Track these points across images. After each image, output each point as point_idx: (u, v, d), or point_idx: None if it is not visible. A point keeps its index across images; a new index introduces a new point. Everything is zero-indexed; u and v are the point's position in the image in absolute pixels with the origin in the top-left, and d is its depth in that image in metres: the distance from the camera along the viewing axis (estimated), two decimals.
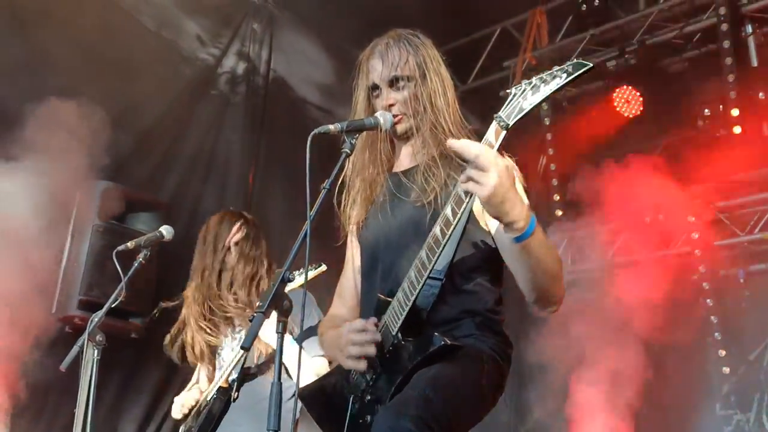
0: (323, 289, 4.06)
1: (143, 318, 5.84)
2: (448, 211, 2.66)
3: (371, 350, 2.83)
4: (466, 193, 2.55)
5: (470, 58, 8.80)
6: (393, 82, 3.05)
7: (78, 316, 5.48)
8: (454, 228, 2.65)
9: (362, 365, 2.85)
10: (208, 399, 4.62)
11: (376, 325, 2.88)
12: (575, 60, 2.48)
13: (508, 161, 2.59)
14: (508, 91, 2.56)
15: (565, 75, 2.44)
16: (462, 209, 2.61)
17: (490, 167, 2.42)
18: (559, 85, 2.45)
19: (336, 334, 3.01)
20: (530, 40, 8.44)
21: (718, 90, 7.27)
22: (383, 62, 3.06)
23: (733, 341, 7.49)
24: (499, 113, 2.52)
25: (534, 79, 2.50)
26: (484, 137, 2.55)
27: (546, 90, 2.47)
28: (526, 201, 2.68)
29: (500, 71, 8.77)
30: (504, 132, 2.51)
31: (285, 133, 7.09)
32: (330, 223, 3.20)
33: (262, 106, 7.43)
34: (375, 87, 3.09)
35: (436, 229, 2.70)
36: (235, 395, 4.16)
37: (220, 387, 4.53)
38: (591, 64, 2.43)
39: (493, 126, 2.54)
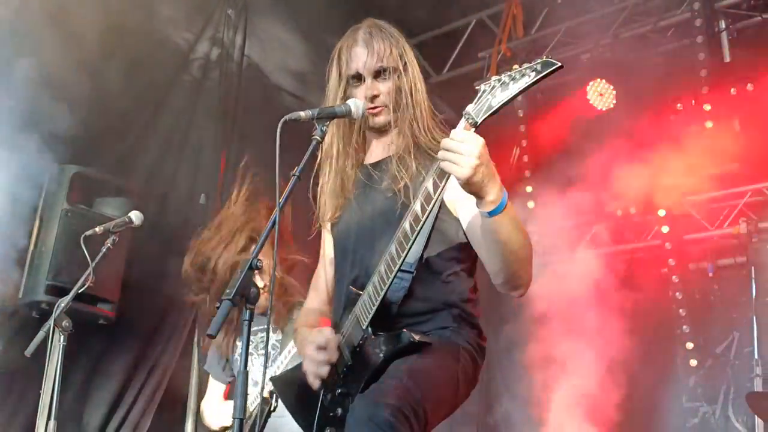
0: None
1: (111, 303, 5.78)
2: (417, 206, 2.67)
3: (324, 371, 2.91)
4: (441, 176, 2.57)
5: (445, 49, 8.80)
6: (378, 73, 3.03)
7: (45, 301, 5.41)
8: (422, 224, 2.67)
9: (316, 383, 2.94)
10: (252, 410, 4.69)
11: (343, 317, 2.90)
12: (544, 58, 2.48)
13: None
14: (477, 87, 2.56)
15: (534, 73, 2.45)
16: (431, 205, 2.62)
17: (467, 147, 2.46)
18: (527, 84, 2.46)
19: (302, 339, 3.08)
20: (506, 32, 8.43)
21: (691, 85, 7.31)
22: (369, 51, 3.02)
23: (701, 334, 7.55)
24: (468, 110, 2.53)
25: (503, 76, 2.50)
26: (452, 132, 2.55)
27: (515, 88, 2.48)
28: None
29: (475, 62, 8.77)
30: (473, 129, 2.52)
31: (258, 120, 7.03)
32: (303, 215, 3.19)
33: (236, 92, 7.37)
34: (357, 76, 3.05)
35: (405, 224, 2.70)
36: (275, 405, 4.28)
37: (263, 398, 4.55)
38: (559, 64, 2.45)
39: (462, 123, 2.54)
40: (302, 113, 2.77)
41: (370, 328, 2.84)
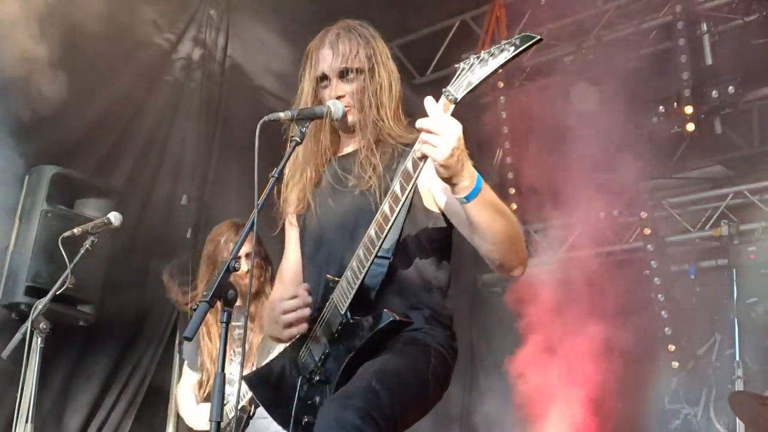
0: None
1: (92, 305, 5.75)
2: (396, 186, 2.67)
3: (305, 312, 2.87)
4: (421, 158, 2.56)
5: (429, 50, 8.80)
6: (343, 74, 3.02)
7: (24, 303, 5.35)
8: (403, 203, 2.66)
9: (302, 327, 2.89)
10: (230, 417, 4.63)
11: (321, 307, 2.89)
12: (523, 33, 2.49)
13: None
14: (456, 65, 2.57)
15: (512, 48, 2.46)
16: (411, 183, 2.63)
17: (446, 129, 2.47)
18: (506, 59, 2.47)
19: (270, 309, 3.03)
20: (489, 33, 8.45)
21: (673, 87, 7.34)
22: (334, 53, 3.02)
23: (683, 336, 7.59)
24: (448, 87, 2.56)
25: (482, 53, 2.53)
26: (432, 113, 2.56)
27: (494, 63, 2.50)
28: None
29: (459, 63, 8.74)
30: (452, 105, 2.55)
31: (241, 121, 7.00)
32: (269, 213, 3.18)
33: (218, 93, 7.34)
34: (324, 77, 3.06)
35: (385, 207, 2.70)
36: (253, 411, 4.32)
37: (243, 406, 4.53)
38: (538, 37, 2.45)
39: (442, 100, 2.57)
40: (282, 114, 2.77)
41: (348, 313, 2.82)
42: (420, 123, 2.52)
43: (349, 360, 2.79)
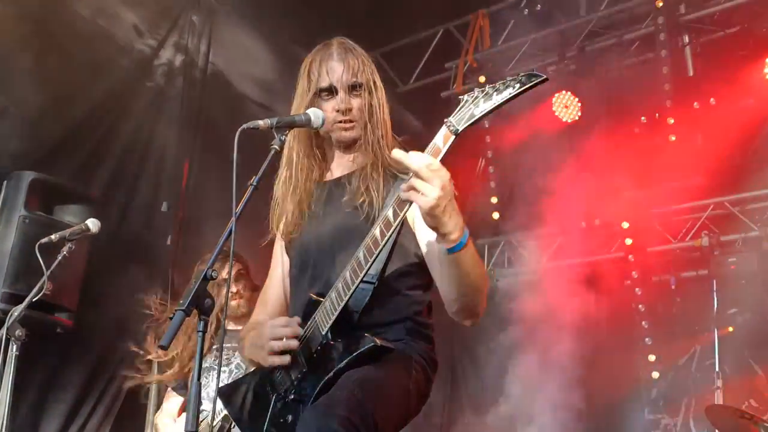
0: None
1: (69, 312, 5.69)
2: (389, 212, 2.64)
3: (293, 343, 2.83)
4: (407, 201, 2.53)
5: (412, 59, 8.80)
6: (352, 88, 3.00)
7: (1, 310, 5.30)
8: (394, 229, 2.64)
9: (286, 359, 2.84)
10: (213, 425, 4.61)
11: (302, 326, 2.86)
12: (530, 70, 2.48)
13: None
14: (461, 97, 2.55)
15: (518, 85, 2.45)
16: (404, 211, 2.59)
17: (434, 178, 2.42)
18: (511, 95, 2.46)
19: (257, 333, 2.98)
20: (472, 43, 8.46)
21: (655, 98, 7.36)
22: (344, 66, 3.00)
23: (663, 346, 7.60)
24: (450, 118, 2.51)
25: (487, 87, 2.50)
26: (432, 141, 2.53)
27: (498, 99, 2.47)
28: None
29: (442, 72, 8.78)
30: (453, 137, 2.51)
31: (222, 128, 6.95)
32: (256, 223, 3.15)
33: (199, 100, 7.31)
34: (330, 90, 3.01)
35: (376, 231, 2.68)
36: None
37: (226, 415, 4.50)
38: (544, 76, 2.45)
39: (443, 130, 2.53)
40: (261, 122, 2.74)
41: (329, 334, 2.80)
42: (409, 161, 2.46)
43: (325, 381, 2.77)
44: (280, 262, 3.26)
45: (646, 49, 7.67)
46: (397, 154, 2.49)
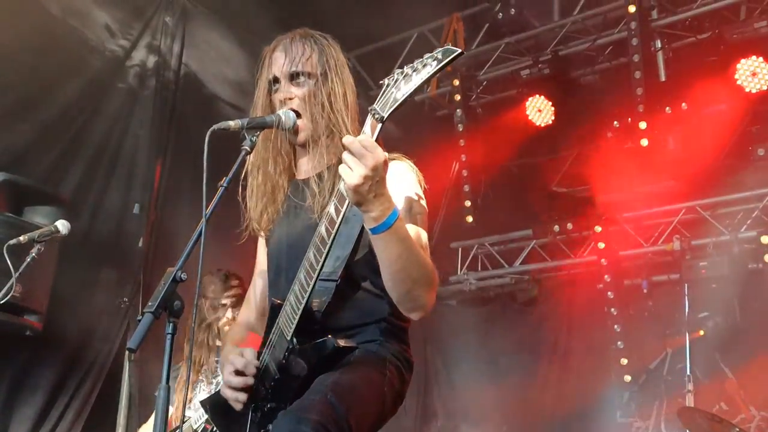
0: None
1: (39, 315, 5.62)
2: (331, 209, 2.62)
3: (242, 397, 2.85)
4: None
5: (386, 62, 8.76)
6: (293, 77, 2.96)
7: None
8: (338, 226, 2.61)
9: (242, 397, 2.87)
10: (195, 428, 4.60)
11: (267, 332, 2.84)
12: (445, 46, 2.45)
13: (386, 155, 2.52)
14: (381, 81, 2.53)
15: (435, 62, 2.43)
16: (345, 206, 2.57)
17: (366, 156, 2.42)
18: (429, 73, 2.44)
19: (223, 358, 3.00)
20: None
21: (627, 103, 7.41)
22: (286, 55, 2.97)
23: (635, 350, 7.63)
24: (374, 106, 2.51)
25: (406, 68, 2.48)
26: (361, 131, 2.52)
27: (418, 79, 2.45)
28: (409, 196, 2.76)
29: (383, 80, 8.75)
30: (380, 125, 2.50)
31: (194, 129, 6.91)
32: (229, 224, 3.12)
33: (172, 101, 7.23)
34: (275, 80, 3.00)
35: (321, 228, 2.65)
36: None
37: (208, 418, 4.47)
38: (460, 50, 2.43)
39: (369, 119, 2.52)
40: (231, 122, 2.71)
41: (294, 339, 2.77)
42: (345, 140, 2.47)
43: (297, 387, 2.75)
44: (262, 260, 3.23)
45: (619, 54, 7.72)
46: (345, 139, 2.48)
